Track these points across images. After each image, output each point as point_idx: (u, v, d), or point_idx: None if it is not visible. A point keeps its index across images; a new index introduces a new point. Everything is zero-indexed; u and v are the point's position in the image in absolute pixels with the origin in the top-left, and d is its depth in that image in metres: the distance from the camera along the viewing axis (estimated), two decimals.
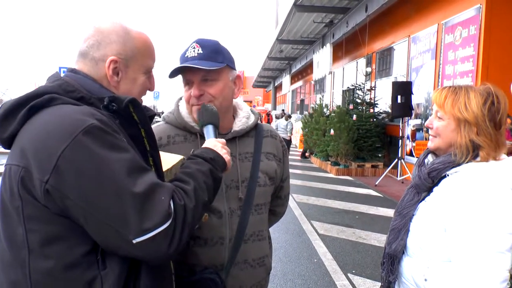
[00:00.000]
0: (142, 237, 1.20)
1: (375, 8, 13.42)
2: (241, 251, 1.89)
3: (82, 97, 1.37)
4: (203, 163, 1.49)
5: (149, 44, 1.56)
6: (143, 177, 1.25)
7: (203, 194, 1.40)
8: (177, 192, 1.32)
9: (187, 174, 1.43)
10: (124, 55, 1.46)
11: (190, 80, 1.85)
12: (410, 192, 1.91)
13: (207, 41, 1.87)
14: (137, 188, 1.21)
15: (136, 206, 1.20)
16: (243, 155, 1.96)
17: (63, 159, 1.19)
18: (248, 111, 2.06)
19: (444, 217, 1.69)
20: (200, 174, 1.44)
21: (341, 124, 13.46)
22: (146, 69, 1.54)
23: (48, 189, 1.20)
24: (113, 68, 1.45)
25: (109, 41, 1.45)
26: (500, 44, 8.80)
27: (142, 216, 1.20)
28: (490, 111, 1.71)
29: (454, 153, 1.74)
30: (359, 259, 5.86)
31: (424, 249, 1.76)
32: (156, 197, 1.24)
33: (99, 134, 1.23)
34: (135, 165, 1.26)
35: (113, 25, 1.48)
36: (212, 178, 1.48)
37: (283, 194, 2.22)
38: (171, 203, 1.27)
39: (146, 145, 1.44)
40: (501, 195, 1.60)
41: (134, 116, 1.39)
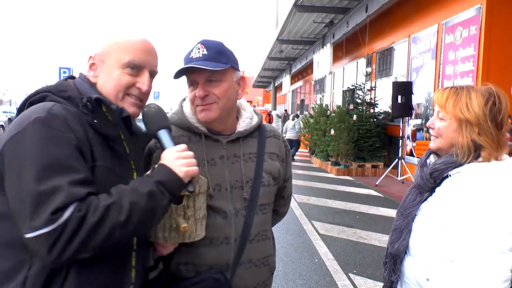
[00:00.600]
0: (30, 234, 1.25)
1: (375, 8, 13.42)
2: (246, 251, 1.89)
3: (70, 96, 1.48)
4: (146, 183, 1.43)
5: (132, 42, 1.60)
6: (55, 177, 1.28)
7: (118, 214, 1.33)
8: (84, 203, 1.30)
9: (117, 189, 1.39)
10: (100, 52, 1.59)
11: (195, 80, 1.85)
12: (412, 192, 1.92)
13: (212, 42, 1.88)
14: (40, 186, 1.26)
15: (32, 202, 1.25)
16: (247, 155, 1.97)
17: (7, 146, 1.34)
18: (251, 112, 2.07)
19: (446, 217, 1.70)
20: (132, 194, 1.38)
21: (341, 124, 13.48)
22: (122, 63, 1.57)
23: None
24: (90, 64, 1.60)
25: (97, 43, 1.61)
26: (500, 44, 8.82)
27: (33, 214, 1.25)
28: (492, 111, 1.72)
29: (456, 154, 1.75)
30: (360, 259, 5.87)
31: (426, 249, 1.77)
32: (50, 200, 1.26)
33: (38, 126, 1.33)
34: (55, 164, 1.30)
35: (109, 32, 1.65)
36: (149, 201, 1.40)
37: (286, 194, 2.24)
38: (67, 211, 1.26)
39: (125, 147, 1.50)
40: (503, 195, 1.61)
41: (109, 116, 1.48)
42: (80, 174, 1.34)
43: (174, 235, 1.64)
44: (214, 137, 1.93)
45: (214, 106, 1.86)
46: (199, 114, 1.89)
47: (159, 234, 1.64)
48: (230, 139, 1.95)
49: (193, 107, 1.92)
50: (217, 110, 1.87)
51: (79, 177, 1.33)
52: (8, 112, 35.32)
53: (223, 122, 1.94)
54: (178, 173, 1.49)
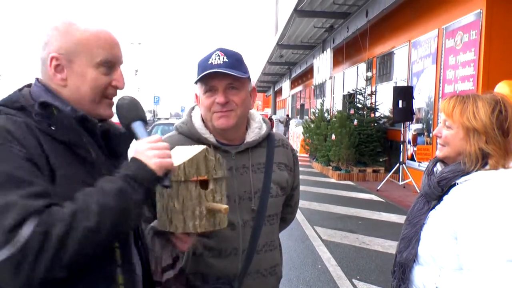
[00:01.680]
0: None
1: (376, 13, 13.47)
2: (254, 261, 1.90)
3: (22, 106, 1.35)
4: (113, 180, 1.28)
5: (99, 36, 1.43)
6: (3, 194, 1.15)
7: (86, 219, 1.17)
8: (44, 215, 1.14)
9: (82, 192, 1.24)
10: (65, 50, 1.39)
11: (215, 86, 1.84)
12: (420, 201, 1.93)
13: (231, 51, 1.89)
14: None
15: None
16: (255, 166, 1.97)
17: None
18: (260, 121, 2.06)
19: (455, 226, 1.70)
20: (99, 194, 1.23)
21: (342, 129, 13.48)
22: (96, 62, 1.41)
23: None
24: (55, 65, 1.39)
25: (51, 39, 1.40)
26: (500, 49, 8.83)
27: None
28: (498, 119, 1.73)
29: (464, 162, 1.76)
30: (363, 265, 5.86)
31: (435, 257, 1.77)
32: (2, 219, 1.12)
33: None
34: (4, 179, 1.17)
35: (57, 22, 1.42)
36: (119, 199, 1.24)
37: (293, 202, 2.24)
38: (26, 227, 1.11)
39: (91, 153, 1.36)
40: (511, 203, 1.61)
41: (63, 120, 1.34)
42: (34, 186, 1.19)
43: (205, 223, 1.53)
44: (223, 148, 1.93)
45: (232, 114, 1.86)
46: (216, 121, 1.87)
47: (189, 223, 1.51)
48: (239, 150, 1.95)
49: (209, 114, 1.89)
50: (235, 118, 1.87)
51: (33, 189, 1.18)
52: None
53: (236, 131, 1.94)
54: (149, 165, 1.31)
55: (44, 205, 1.16)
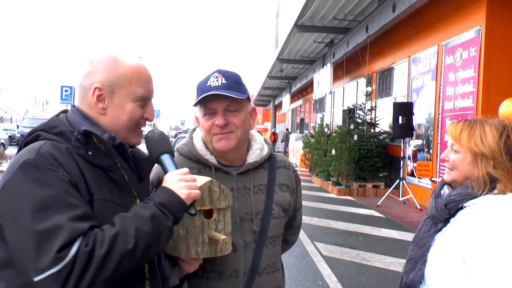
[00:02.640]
0: (38, 277, 1.22)
1: (376, 28, 13.55)
2: (255, 283, 1.88)
3: (61, 132, 1.47)
4: (148, 207, 1.41)
5: (139, 73, 1.59)
6: (54, 216, 1.26)
7: (125, 242, 1.31)
8: (89, 237, 1.28)
9: (120, 217, 1.37)
10: (108, 82, 1.53)
11: (214, 109, 1.85)
12: (427, 223, 1.93)
13: (229, 72, 1.89)
14: (39, 225, 1.25)
15: (34, 243, 1.24)
16: (257, 187, 1.96)
17: (2, 191, 1.33)
18: (262, 142, 2.06)
19: (462, 249, 1.71)
20: (135, 220, 1.36)
21: (342, 144, 13.49)
22: (135, 96, 1.56)
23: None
24: (98, 95, 1.53)
25: (97, 70, 1.54)
26: (500, 66, 8.89)
27: (38, 255, 1.23)
28: (506, 144, 1.74)
29: (471, 186, 1.77)
30: (364, 282, 5.85)
31: (442, 280, 1.78)
32: (53, 238, 1.24)
33: (27, 169, 1.33)
34: (52, 202, 1.28)
35: (104, 55, 1.57)
36: (153, 225, 1.38)
37: (295, 224, 2.23)
38: (73, 247, 1.24)
39: (123, 176, 1.49)
40: None
41: (101, 146, 1.45)
42: (78, 209, 1.32)
43: (207, 250, 1.64)
44: (224, 169, 1.93)
45: (232, 135, 1.86)
46: (216, 143, 1.88)
47: (192, 249, 1.63)
48: (240, 171, 1.95)
49: (208, 136, 1.90)
50: (235, 140, 1.87)
51: (78, 212, 1.31)
52: (9, 130, 35.29)
53: (236, 152, 1.94)
54: (180, 195, 1.46)
55: (89, 226, 1.30)
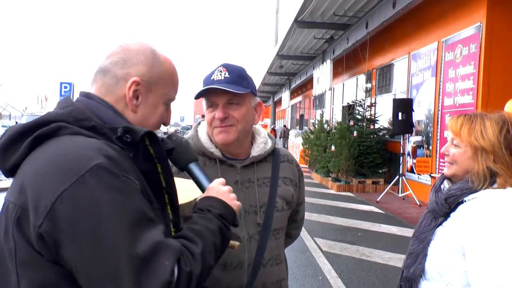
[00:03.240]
0: None
1: (376, 25, 13.56)
2: (260, 275, 1.91)
3: (94, 127, 1.23)
4: (212, 219, 1.32)
5: (175, 74, 1.45)
6: (147, 233, 1.10)
7: (210, 258, 1.24)
8: (185, 255, 1.15)
9: (195, 232, 1.26)
10: (148, 79, 1.34)
11: (215, 102, 1.88)
12: (427, 217, 1.95)
13: (234, 66, 1.91)
14: (138, 247, 1.06)
15: (133, 268, 1.05)
16: (261, 180, 1.98)
17: (61, 203, 1.06)
18: (265, 136, 2.09)
19: (462, 242, 1.73)
20: (209, 234, 1.28)
21: (342, 141, 13.51)
22: (167, 98, 1.42)
23: (42, 234, 1.07)
24: (134, 90, 1.32)
25: (136, 61, 1.34)
26: (500, 62, 8.89)
27: (138, 282, 1.05)
28: (506, 138, 1.76)
29: (471, 180, 1.79)
30: (364, 277, 5.88)
31: (442, 273, 1.80)
32: (159, 261, 1.08)
33: (104, 177, 1.09)
34: (141, 217, 1.11)
35: (142, 46, 1.39)
36: (221, 238, 1.32)
37: (298, 218, 2.26)
38: (175, 269, 1.10)
39: (162, 181, 1.30)
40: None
41: (150, 150, 1.25)
42: (160, 224, 1.17)
43: None
44: (228, 162, 1.95)
45: (232, 129, 1.88)
46: (216, 136, 1.91)
47: None
48: (244, 164, 1.97)
49: (210, 129, 1.93)
50: (235, 133, 1.89)
51: (161, 227, 1.16)
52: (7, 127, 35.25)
53: (239, 146, 1.96)
54: (233, 207, 1.42)
55: (180, 244, 1.17)
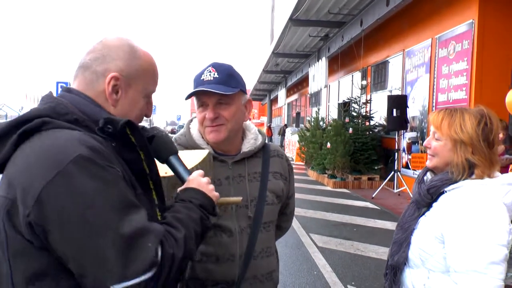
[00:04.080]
0: (121, 284, 1.11)
1: (370, 22, 13.63)
2: (251, 267, 1.97)
3: (76, 120, 1.28)
4: (193, 209, 1.40)
5: (154, 67, 1.50)
6: (131, 218, 1.16)
7: (191, 244, 1.31)
8: (168, 239, 1.22)
9: (178, 219, 1.32)
10: (126, 73, 1.39)
11: (205, 102, 1.94)
12: (411, 207, 2.04)
13: (222, 66, 1.97)
14: (123, 231, 1.12)
15: (119, 249, 1.11)
16: (251, 175, 2.05)
17: (46, 192, 1.12)
18: (256, 132, 2.15)
19: (442, 230, 1.81)
20: (191, 222, 1.35)
21: (337, 138, 13.59)
22: (147, 92, 1.47)
23: (31, 223, 1.13)
24: (113, 85, 1.37)
25: (114, 57, 1.39)
26: (493, 58, 8.99)
27: (124, 262, 1.11)
28: (484, 131, 1.85)
29: (451, 171, 1.87)
30: (358, 271, 5.96)
31: (424, 260, 1.88)
32: (143, 243, 1.14)
33: (87, 166, 1.15)
34: (125, 203, 1.17)
35: (120, 41, 1.43)
36: (201, 226, 1.39)
37: (288, 211, 2.32)
38: (158, 250, 1.17)
39: (145, 168, 1.37)
40: (494, 210, 1.73)
41: (132, 138, 1.32)
42: (143, 209, 1.23)
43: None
44: (220, 158, 2.01)
45: (222, 128, 1.95)
46: (208, 135, 1.97)
47: None
48: (235, 160, 2.03)
49: (201, 128, 2.00)
50: (225, 132, 1.95)
51: (145, 212, 1.23)
52: None
53: (230, 143, 2.03)
54: (212, 197, 1.50)
55: (164, 227, 1.25)
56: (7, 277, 1.20)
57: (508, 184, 1.82)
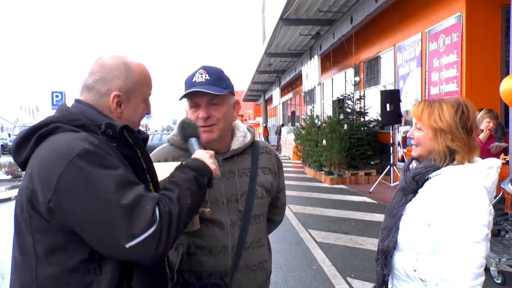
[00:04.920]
0: (132, 242, 1.36)
1: (360, 19, 13.76)
2: (243, 257, 2.07)
3: (83, 125, 1.55)
4: (188, 171, 1.64)
5: (147, 75, 1.75)
6: (130, 190, 1.41)
7: (186, 200, 1.53)
8: (163, 200, 1.47)
9: (172, 182, 1.58)
10: (125, 89, 1.65)
11: (198, 103, 2.05)
12: (398, 194, 2.16)
13: (213, 68, 2.09)
14: (124, 200, 1.38)
15: (124, 215, 1.37)
16: (241, 171, 2.15)
17: (61, 181, 1.38)
18: (244, 130, 2.25)
19: (428, 215, 1.92)
20: (185, 182, 1.59)
21: (332, 134, 13.69)
22: (145, 97, 1.74)
23: (51, 207, 1.39)
24: (117, 102, 1.64)
25: (113, 77, 1.64)
26: (481, 50, 9.13)
27: (130, 224, 1.37)
28: (461, 119, 1.96)
29: (434, 159, 1.99)
30: (357, 264, 6.07)
31: (412, 244, 1.99)
32: (141, 207, 1.40)
33: (90, 156, 1.41)
34: (124, 180, 1.42)
35: (115, 60, 1.67)
36: (197, 184, 1.62)
37: (279, 204, 2.42)
38: (156, 210, 1.42)
39: (142, 163, 1.61)
40: (475, 192, 1.85)
41: (129, 139, 1.56)
42: (141, 184, 1.50)
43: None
44: None
45: (214, 128, 2.06)
46: (200, 135, 2.05)
47: None
48: (225, 157, 2.14)
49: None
50: (217, 131, 2.06)
51: (143, 185, 1.49)
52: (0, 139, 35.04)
53: (220, 141, 2.13)
54: (209, 166, 1.72)
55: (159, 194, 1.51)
56: (31, 248, 1.47)
57: (488, 168, 1.94)
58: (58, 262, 1.45)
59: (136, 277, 1.51)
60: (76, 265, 1.44)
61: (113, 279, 1.46)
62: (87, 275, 1.45)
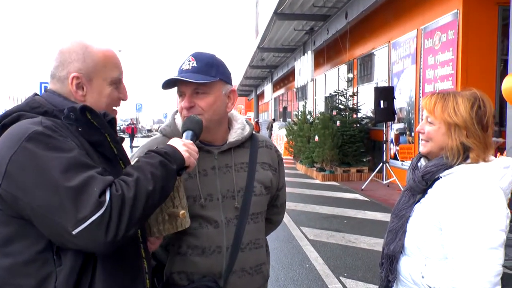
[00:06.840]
0: (79, 227, 1.29)
1: (355, 15, 13.65)
2: (239, 259, 1.93)
3: (46, 111, 1.52)
4: (154, 156, 1.55)
5: (111, 57, 1.68)
6: (80, 173, 1.35)
7: (147, 184, 1.44)
8: (116, 183, 1.40)
9: (133, 167, 1.51)
10: (85, 71, 1.60)
11: (183, 92, 1.91)
12: (405, 194, 2.00)
13: (203, 55, 1.93)
14: (71, 182, 1.32)
15: (70, 198, 1.30)
16: (238, 165, 2.01)
17: (11, 164, 1.34)
18: (243, 122, 2.10)
19: (439, 217, 1.78)
20: (148, 166, 1.50)
21: (325, 131, 13.60)
22: (111, 80, 1.66)
23: (1, 193, 1.36)
24: (76, 84, 1.59)
25: (70, 60, 1.60)
26: (477, 48, 9.04)
27: (76, 208, 1.30)
28: (478, 114, 1.82)
29: (446, 156, 1.84)
30: (350, 262, 5.96)
31: (421, 248, 1.85)
32: (89, 189, 1.33)
33: (40, 138, 1.37)
34: (74, 163, 1.36)
35: (72, 44, 1.63)
36: (163, 169, 1.52)
37: (279, 203, 2.28)
38: (107, 193, 1.35)
39: (113, 149, 1.59)
40: (492, 194, 1.70)
41: (94, 122, 1.52)
42: (97, 168, 1.43)
43: (168, 227, 1.72)
44: (206, 148, 1.96)
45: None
46: None
47: (154, 228, 1.72)
48: (221, 150, 1.99)
49: (181, 117, 1.96)
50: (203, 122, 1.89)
51: (99, 170, 1.42)
52: None
53: (211, 133, 1.97)
54: (181, 152, 1.61)
55: (112, 178, 1.42)
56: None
57: (504, 168, 1.80)
58: (14, 253, 1.41)
59: (101, 269, 1.45)
60: (33, 256, 1.40)
61: (73, 270, 1.40)
62: (45, 267, 1.40)
